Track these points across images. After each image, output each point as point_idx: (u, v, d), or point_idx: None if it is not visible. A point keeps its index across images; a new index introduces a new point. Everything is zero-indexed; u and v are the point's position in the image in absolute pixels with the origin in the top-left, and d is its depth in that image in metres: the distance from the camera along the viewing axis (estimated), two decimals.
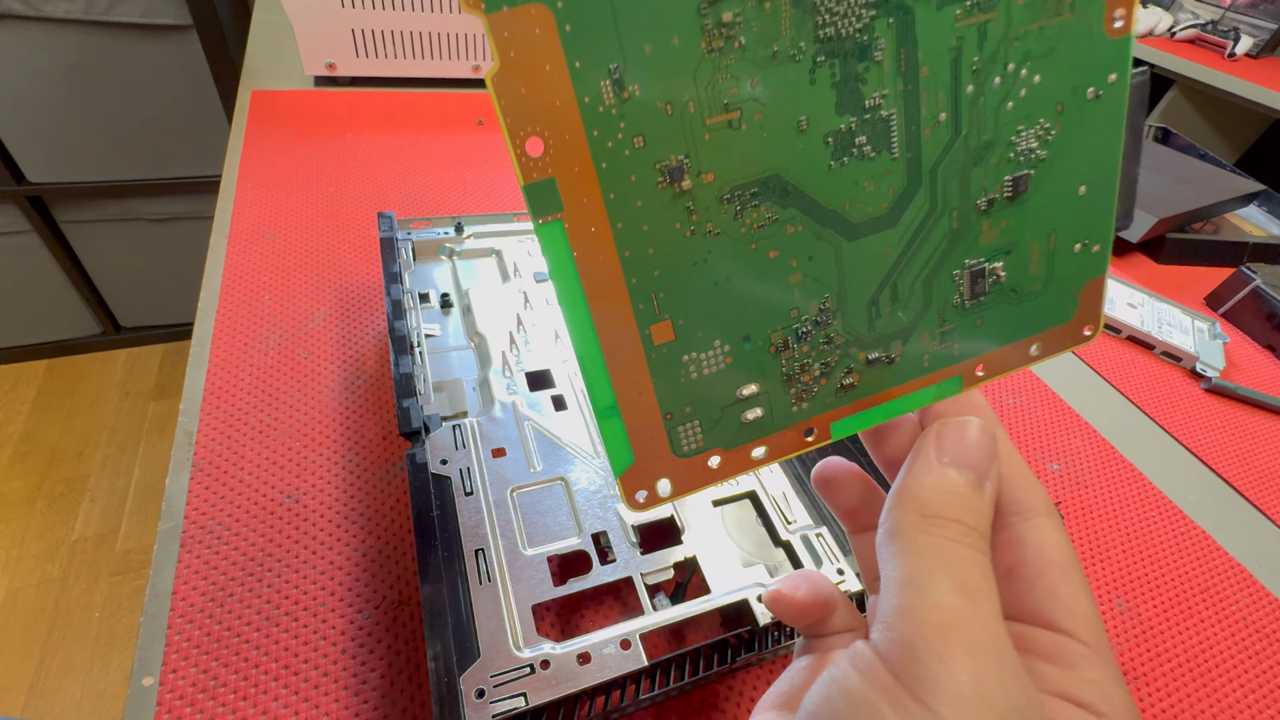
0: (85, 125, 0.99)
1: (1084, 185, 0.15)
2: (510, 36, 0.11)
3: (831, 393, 0.15)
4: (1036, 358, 0.16)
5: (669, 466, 0.15)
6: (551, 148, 0.12)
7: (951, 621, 0.11)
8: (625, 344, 0.14)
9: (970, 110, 0.14)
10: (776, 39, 0.12)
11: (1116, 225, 0.21)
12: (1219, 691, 0.29)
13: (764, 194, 0.13)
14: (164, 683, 0.23)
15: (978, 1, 0.13)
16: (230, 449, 0.30)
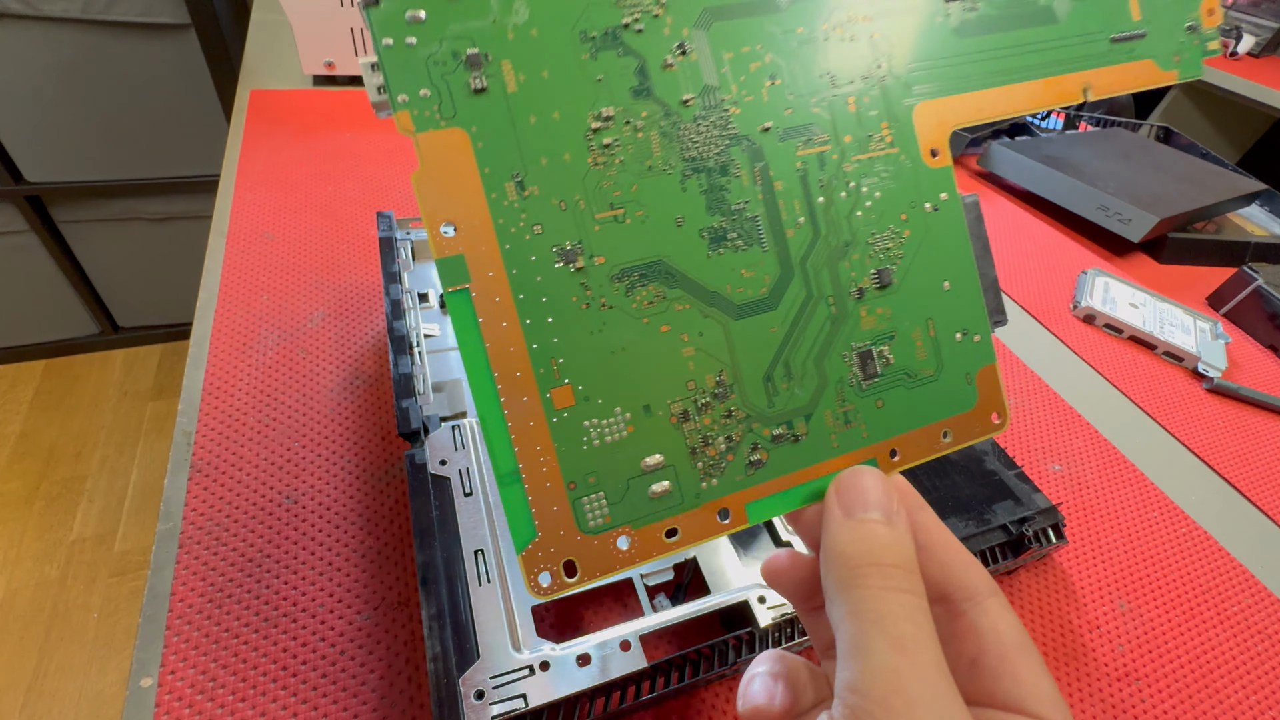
0: (83, 125, 0.98)
1: (947, 281, 0.17)
2: (433, 148, 0.14)
3: (740, 469, 0.16)
4: (949, 445, 0.17)
5: (575, 545, 0.15)
6: (462, 230, 0.14)
7: (893, 686, 0.12)
8: (527, 407, 0.15)
9: (825, 216, 0.16)
10: (649, 158, 0.15)
11: (993, 320, 0.26)
12: (1220, 692, 0.29)
13: (651, 275, 0.15)
14: (162, 684, 0.23)
15: (811, 137, 0.16)
16: (229, 449, 0.30)
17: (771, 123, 0.16)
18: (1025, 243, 0.59)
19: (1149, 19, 0.20)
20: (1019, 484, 0.31)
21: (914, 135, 0.17)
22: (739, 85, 0.16)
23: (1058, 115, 0.83)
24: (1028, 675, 0.14)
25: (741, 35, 0.16)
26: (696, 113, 0.16)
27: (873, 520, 0.14)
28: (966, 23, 0.18)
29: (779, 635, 0.24)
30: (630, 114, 0.15)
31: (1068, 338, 0.48)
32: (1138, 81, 0.19)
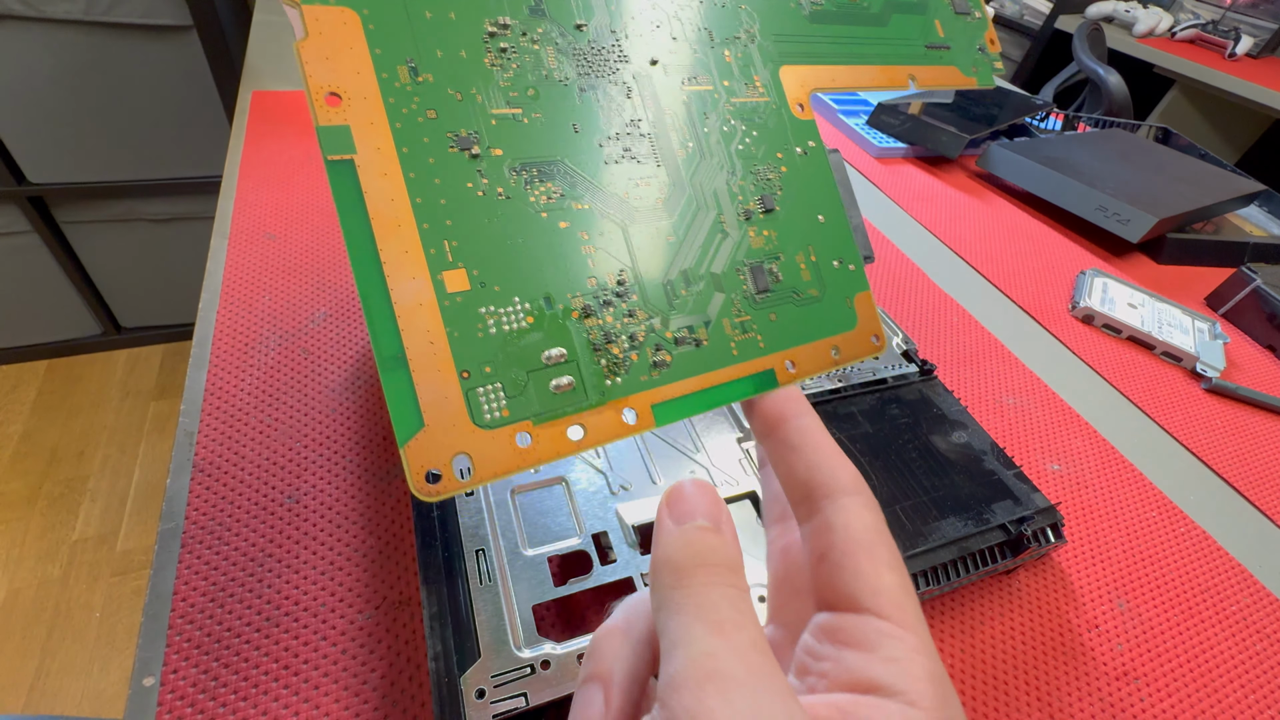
0: (85, 125, 0.99)
1: (821, 215, 0.19)
2: (320, 20, 0.14)
3: (645, 368, 0.16)
4: (838, 361, 0.18)
5: (468, 439, 0.14)
6: (349, 102, 0.14)
7: (708, 668, 0.12)
8: (415, 288, 0.14)
9: (712, 144, 0.18)
10: (545, 68, 0.16)
11: (864, 254, 0.30)
12: (1219, 691, 0.29)
13: (549, 173, 0.16)
14: (164, 683, 0.23)
15: (695, 76, 0.18)
16: (231, 449, 0.30)
17: (658, 58, 0.18)
18: (1024, 243, 0.59)
19: (950, 37, 0.24)
20: (1018, 483, 0.31)
21: (782, 90, 0.19)
22: (629, 23, 0.18)
23: (1056, 116, 0.83)
24: (869, 569, 0.14)
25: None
26: (590, 38, 0.17)
27: (701, 527, 0.14)
28: (815, 12, 0.22)
29: None
30: (527, 27, 0.16)
31: (1066, 338, 0.48)
32: (949, 81, 0.23)
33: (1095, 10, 1.56)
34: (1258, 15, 1.48)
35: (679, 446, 0.29)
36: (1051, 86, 1.02)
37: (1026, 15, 1.65)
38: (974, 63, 0.24)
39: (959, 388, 0.42)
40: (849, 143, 0.73)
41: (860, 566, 0.14)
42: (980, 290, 0.52)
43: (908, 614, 0.13)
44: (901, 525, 0.28)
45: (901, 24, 0.23)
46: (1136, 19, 1.49)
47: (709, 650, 0.12)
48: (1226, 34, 1.45)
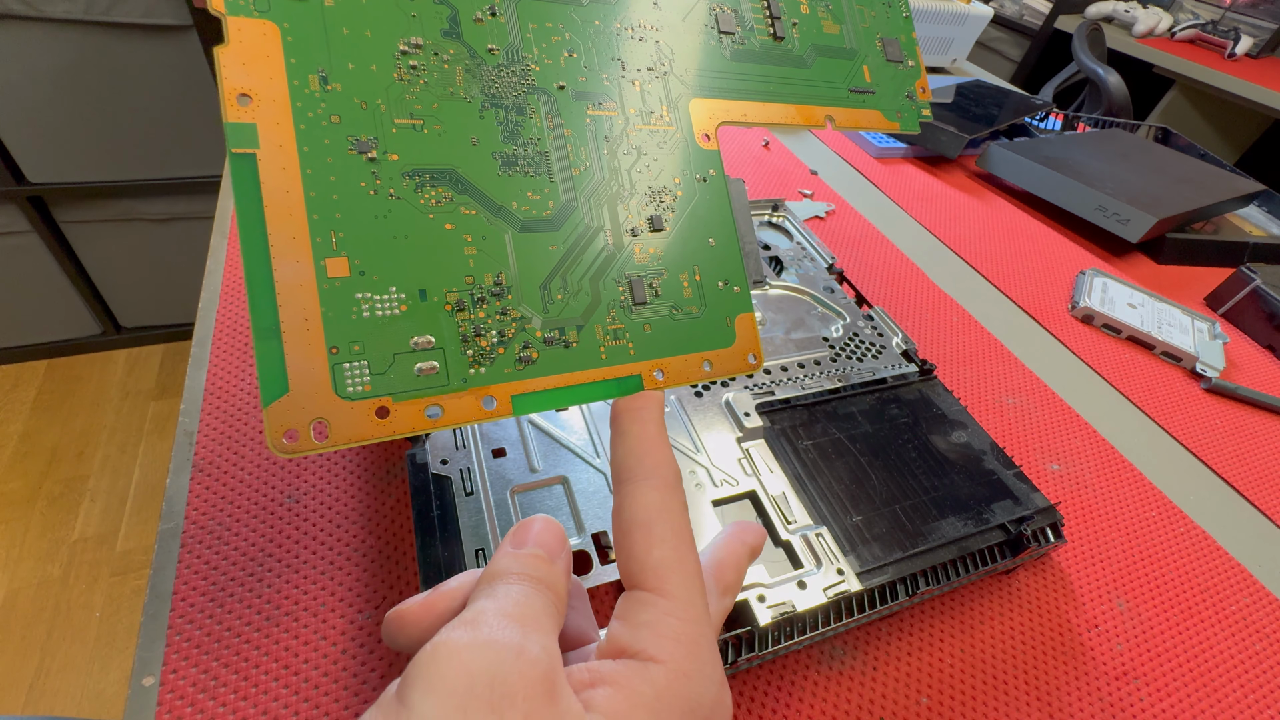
0: (85, 125, 0.99)
1: (712, 238, 0.20)
2: (241, 30, 0.15)
3: (510, 362, 0.17)
4: (709, 374, 0.19)
5: (328, 406, 0.15)
6: (258, 103, 0.15)
7: (468, 619, 0.13)
8: (298, 270, 0.15)
9: (608, 165, 0.19)
10: (452, 86, 0.17)
11: (753, 278, 0.32)
12: (1219, 691, 0.29)
13: (442, 180, 0.17)
14: (164, 683, 0.23)
15: (601, 102, 0.19)
16: (231, 449, 0.30)
17: (566, 84, 0.19)
18: (1024, 243, 0.59)
19: (877, 83, 0.25)
20: (1017, 483, 0.31)
21: (689, 121, 0.21)
22: (540, 50, 0.19)
23: (1056, 116, 0.83)
24: (640, 547, 0.15)
25: (546, 14, 0.19)
26: (499, 61, 0.18)
27: (533, 553, 0.15)
28: (735, 51, 0.23)
29: (778, 634, 0.24)
30: (439, 48, 0.18)
31: (1066, 338, 0.48)
32: (870, 124, 0.24)
33: (1095, 10, 1.56)
34: (1257, 15, 1.48)
35: (679, 446, 0.29)
36: (1051, 86, 1.02)
37: (1026, 15, 1.65)
38: (899, 108, 0.25)
39: (959, 388, 0.42)
40: (848, 142, 0.73)
41: (634, 546, 0.15)
42: (980, 290, 0.52)
43: (669, 582, 0.15)
44: (901, 525, 0.28)
45: (826, 67, 0.24)
46: (1136, 19, 1.49)
47: (480, 609, 0.13)
48: (1226, 34, 1.45)
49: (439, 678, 0.12)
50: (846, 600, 0.25)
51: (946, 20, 0.88)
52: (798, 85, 0.24)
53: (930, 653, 0.28)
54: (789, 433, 0.31)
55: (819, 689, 0.26)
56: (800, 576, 0.25)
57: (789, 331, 0.36)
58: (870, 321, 0.38)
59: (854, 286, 0.40)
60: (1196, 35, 1.48)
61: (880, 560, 0.27)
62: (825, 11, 0.25)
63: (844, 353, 0.36)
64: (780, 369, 0.34)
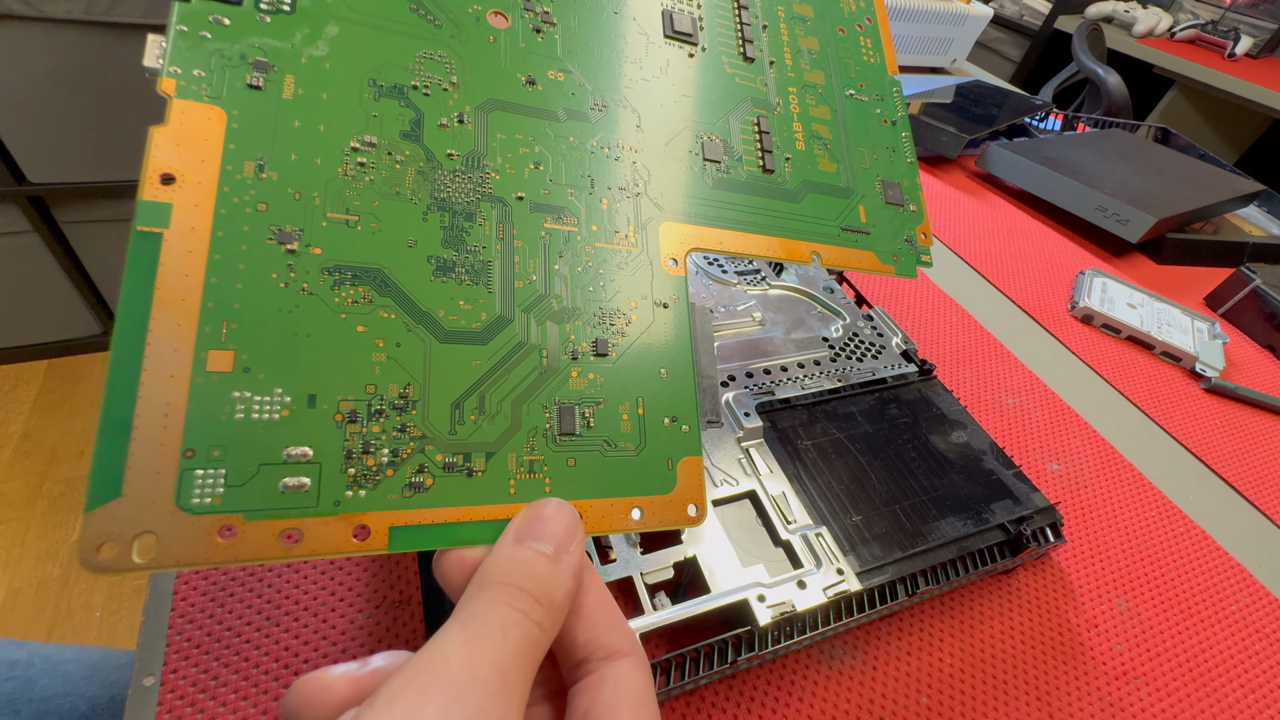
0: (85, 125, 0.99)
1: (664, 369, 0.18)
2: (186, 114, 0.15)
3: (397, 488, 0.15)
4: (639, 524, 0.16)
5: (162, 519, 0.13)
6: (181, 184, 0.15)
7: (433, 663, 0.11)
8: (173, 359, 0.14)
9: (556, 280, 0.18)
10: (400, 186, 0.17)
11: (705, 420, 0.28)
12: (1219, 691, 0.29)
13: (364, 279, 0.16)
14: (165, 682, 0.23)
15: (561, 216, 0.18)
16: None
17: (525, 195, 0.18)
18: (1023, 243, 0.59)
19: (872, 224, 0.24)
20: (1017, 483, 0.31)
21: (657, 244, 0.20)
22: (504, 159, 0.18)
23: (1056, 116, 0.83)
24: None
25: (517, 126, 0.19)
26: (457, 166, 0.18)
27: (537, 551, 0.14)
28: (719, 179, 0.22)
29: (778, 634, 0.24)
30: (393, 148, 0.17)
31: (1066, 338, 0.48)
32: (860, 264, 0.23)
33: (1095, 10, 1.56)
34: (1257, 15, 1.48)
35: None
36: (1051, 86, 1.02)
37: (1026, 15, 1.65)
38: (895, 251, 0.24)
39: (958, 388, 0.42)
40: None
41: (621, 714, 0.13)
42: (980, 290, 0.52)
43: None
44: (901, 525, 0.28)
45: (817, 204, 0.23)
46: (1136, 19, 1.49)
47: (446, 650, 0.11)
48: (1226, 34, 1.45)
49: None
50: (846, 600, 0.25)
51: (946, 20, 0.88)
52: (784, 219, 0.22)
53: (930, 652, 0.28)
54: (789, 433, 0.31)
55: (819, 689, 0.26)
56: (800, 576, 0.25)
57: (789, 331, 0.36)
58: (870, 321, 0.38)
59: (854, 286, 0.40)
60: (1196, 35, 1.48)
61: (880, 560, 0.27)
62: (823, 150, 0.24)
63: (844, 353, 0.36)
64: (780, 369, 0.34)
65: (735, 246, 0.21)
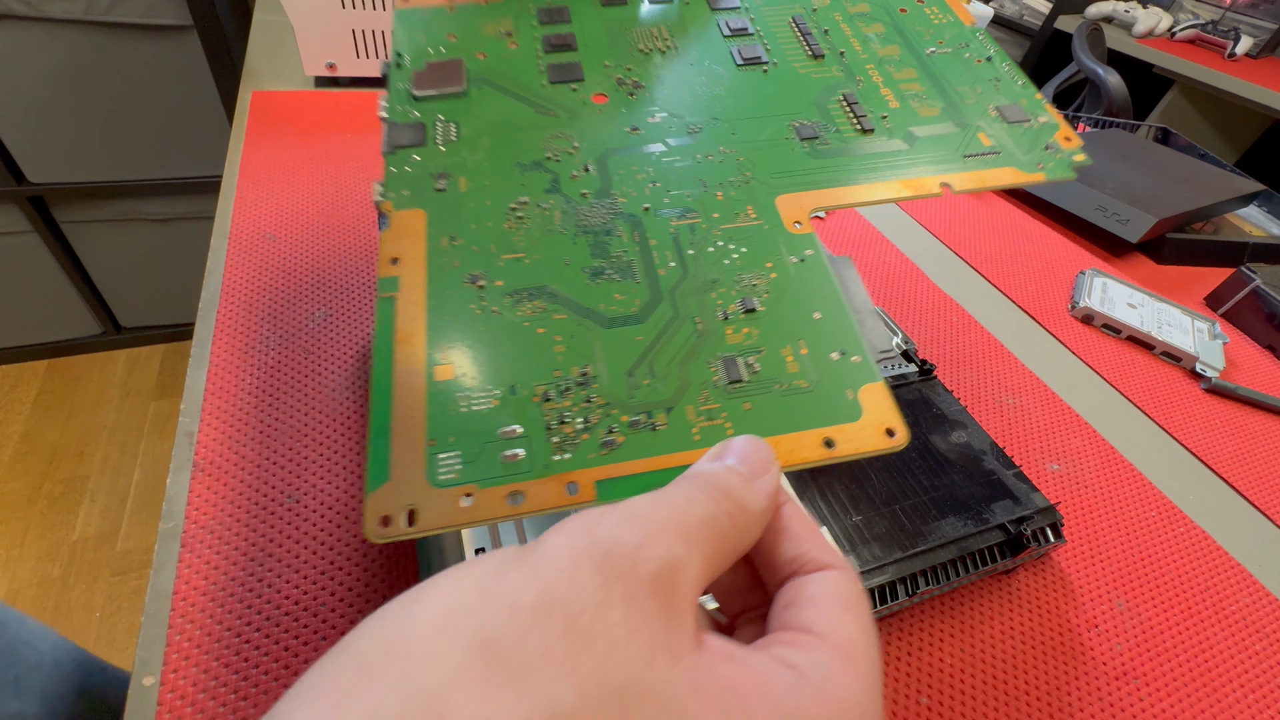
0: (85, 125, 0.99)
1: (817, 312, 0.20)
2: (401, 218, 0.21)
3: (595, 448, 0.17)
4: (835, 453, 0.18)
5: (421, 493, 0.16)
6: (404, 263, 0.20)
7: (616, 504, 0.13)
8: (414, 378, 0.18)
9: (694, 261, 0.21)
10: (551, 226, 0.22)
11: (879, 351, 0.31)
12: (1219, 691, 0.29)
13: (537, 295, 0.20)
14: (165, 682, 0.23)
15: (685, 212, 0.22)
16: (231, 449, 0.30)
17: (650, 205, 0.22)
18: (1023, 243, 0.59)
19: (1000, 145, 0.25)
20: (1017, 483, 0.31)
21: (777, 214, 0.22)
22: (626, 186, 0.23)
23: None
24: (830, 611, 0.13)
25: (631, 161, 0.24)
26: (591, 201, 0.22)
27: (731, 466, 0.15)
28: (820, 150, 0.24)
29: None
30: (541, 201, 0.22)
31: (1066, 338, 0.48)
32: (1001, 180, 0.24)
33: (1095, 10, 1.56)
34: (1257, 15, 1.48)
35: None
36: (1051, 86, 1.02)
37: (1026, 15, 1.65)
38: (1039, 160, 0.24)
39: (958, 388, 0.42)
40: None
41: (831, 612, 0.13)
42: (980, 290, 0.52)
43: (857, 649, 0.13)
44: (901, 525, 0.28)
45: (930, 142, 0.25)
46: (1136, 19, 1.49)
47: (631, 502, 0.13)
48: (1226, 34, 1.45)
49: (568, 532, 0.12)
50: None
51: None
52: (899, 163, 0.24)
53: (930, 653, 0.28)
54: None
55: None
56: None
57: None
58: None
59: None
60: (1196, 35, 1.48)
61: (880, 560, 0.27)
62: (919, 101, 0.26)
63: None
64: None
65: (856, 197, 0.23)
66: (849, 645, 0.12)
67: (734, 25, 0.29)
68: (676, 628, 0.11)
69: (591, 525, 0.12)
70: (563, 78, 0.26)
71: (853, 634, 0.13)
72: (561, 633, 0.10)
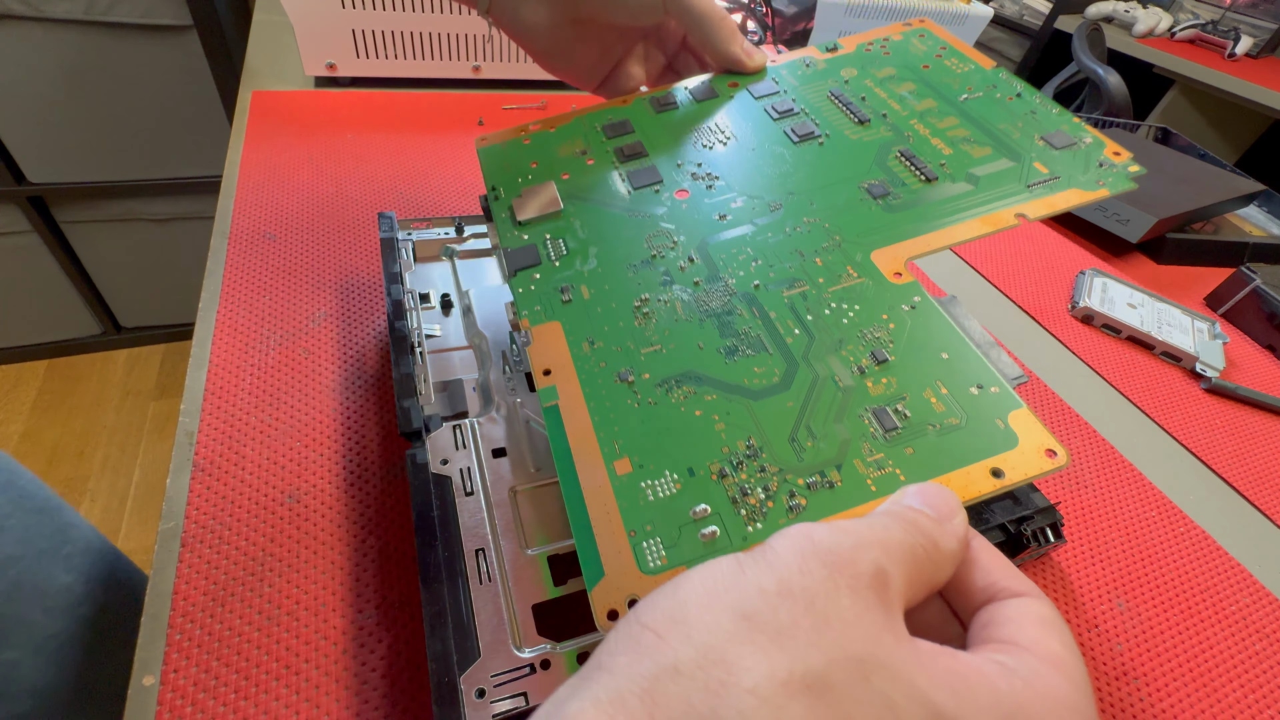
0: (85, 125, 0.99)
1: (945, 353, 0.21)
2: (541, 332, 0.24)
3: (782, 513, 0.18)
4: (1006, 481, 0.18)
5: (636, 583, 0.17)
6: (556, 372, 0.22)
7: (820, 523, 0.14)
8: (597, 476, 0.20)
9: (815, 325, 0.23)
10: (676, 316, 0.24)
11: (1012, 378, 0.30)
12: (1219, 691, 0.29)
13: (684, 380, 0.22)
14: (165, 682, 0.23)
15: (792, 283, 0.24)
16: (231, 449, 0.30)
17: (760, 282, 0.24)
18: (1023, 243, 0.59)
19: (1057, 171, 0.26)
20: None
21: (876, 270, 0.24)
22: (732, 268, 0.25)
23: None
24: (1032, 629, 0.14)
25: (729, 245, 0.26)
26: (704, 287, 0.24)
27: (920, 509, 0.16)
28: (894, 205, 0.26)
29: None
30: (660, 294, 0.24)
31: (1066, 338, 0.48)
32: (1070, 202, 0.25)
33: (1095, 10, 1.56)
34: (1257, 15, 1.48)
35: None
36: (1051, 86, 1.02)
37: (1026, 15, 1.65)
38: (1098, 178, 0.26)
39: None
40: None
41: (1030, 629, 0.14)
42: (980, 290, 0.52)
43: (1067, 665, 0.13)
44: None
45: (992, 179, 0.26)
46: (1136, 19, 1.49)
47: (843, 522, 0.14)
48: (1226, 34, 1.45)
49: (790, 536, 0.14)
50: None
51: (946, 20, 0.88)
52: (971, 203, 0.25)
53: None
54: None
55: None
56: None
57: None
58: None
59: None
60: (1196, 35, 1.48)
61: None
62: (969, 144, 0.28)
63: None
64: None
65: (942, 241, 0.24)
66: (1053, 656, 0.13)
67: (780, 108, 0.31)
68: (894, 618, 0.13)
69: (809, 531, 0.14)
70: (644, 182, 0.29)
71: (1055, 648, 0.13)
72: (804, 610, 0.12)
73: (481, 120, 0.60)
